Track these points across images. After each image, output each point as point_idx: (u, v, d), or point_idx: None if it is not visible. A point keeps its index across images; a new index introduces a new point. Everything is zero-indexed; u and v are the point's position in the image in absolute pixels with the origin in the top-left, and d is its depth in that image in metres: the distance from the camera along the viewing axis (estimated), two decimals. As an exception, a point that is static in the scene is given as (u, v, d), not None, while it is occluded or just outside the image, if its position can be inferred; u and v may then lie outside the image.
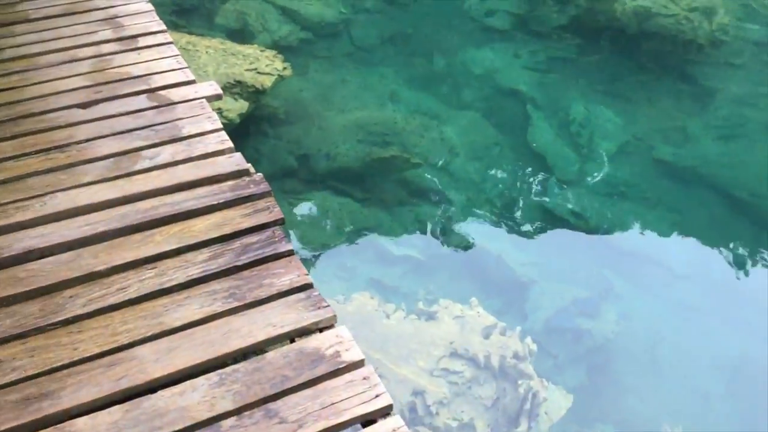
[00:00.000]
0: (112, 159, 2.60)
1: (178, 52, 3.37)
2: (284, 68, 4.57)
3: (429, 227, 4.91)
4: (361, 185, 4.93)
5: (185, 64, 3.26)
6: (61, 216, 2.30)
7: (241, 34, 5.76)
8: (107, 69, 3.19)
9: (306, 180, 4.85)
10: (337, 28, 6.43)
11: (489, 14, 6.97)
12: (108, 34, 3.51)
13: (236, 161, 2.63)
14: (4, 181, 2.45)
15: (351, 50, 6.34)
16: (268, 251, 2.22)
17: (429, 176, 5.14)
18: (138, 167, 2.56)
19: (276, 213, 2.38)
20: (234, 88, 4.29)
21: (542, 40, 6.70)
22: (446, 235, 4.88)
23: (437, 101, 5.90)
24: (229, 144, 2.72)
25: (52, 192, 2.40)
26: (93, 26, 3.58)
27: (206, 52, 4.54)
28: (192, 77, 3.17)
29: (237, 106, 4.04)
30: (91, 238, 2.23)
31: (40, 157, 2.57)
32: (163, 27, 3.61)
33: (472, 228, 4.96)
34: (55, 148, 2.63)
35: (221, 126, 2.83)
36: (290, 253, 2.24)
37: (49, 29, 3.54)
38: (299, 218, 4.70)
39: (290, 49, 5.87)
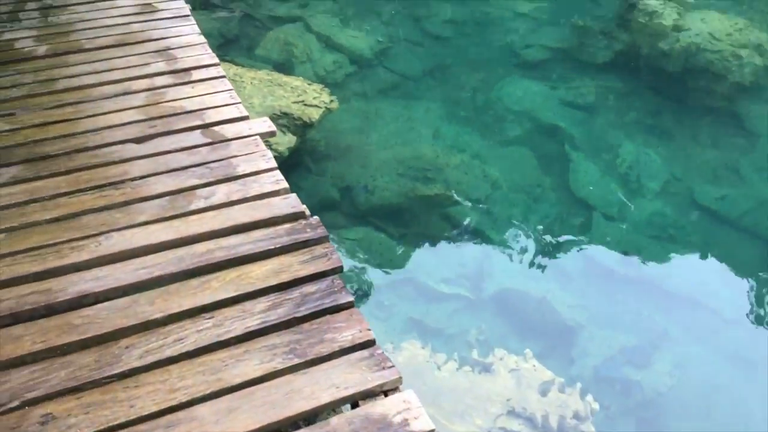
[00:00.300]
0: (167, 197, 2.54)
1: (231, 87, 3.34)
2: (331, 101, 4.53)
3: (470, 266, 4.78)
4: (402, 221, 4.84)
5: (238, 99, 3.22)
6: (116, 258, 2.23)
7: (283, 65, 5.77)
8: (161, 102, 3.16)
9: (347, 214, 4.77)
10: (377, 59, 6.42)
11: (530, 48, 6.91)
12: (161, 66, 3.50)
13: (292, 203, 2.55)
14: (59, 219, 2.40)
15: (391, 82, 6.31)
16: (328, 302, 2.12)
17: (471, 214, 5.02)
18: (193, 207, 2.49)
19: (335, 260, 2.29)
20: (280, 119, 4.25)
21: (584, 76, 6.60)
22: (488, 274, 4.74)
23: (478, 136, 5.81)
24: (284, 184, 2.65)
25: (107, 232, 2.34)
26: (146, 58, 3.58)
27: (251, 83, 4.53)
28: (245, 113, 3.12)
29: (285, 140, 4.00)
30: (147, 282, 2.15)
31: (94, 194, 2.53)
32: (216, 60, 3.59)
33: (514, 267, 4.82)
34: (110, 184, 2.59)
35: (276, 165, 2.77)
36: (351, 305, 2.13)
37: (102, 60, 3.55)
38: (339, 252, 4.62)
39: (332, 81, 5.86)
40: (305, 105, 4.37)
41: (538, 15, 7.59)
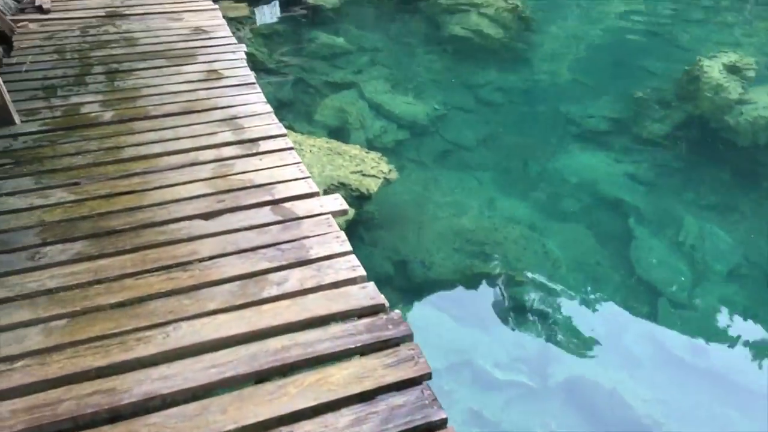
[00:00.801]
0: (237, 282, 2.35)
1: (299, 159, 3.21)
2: (389, 171, 4.40)
3: (531, 350, 4.46)
4: (459, 299, 4.58)
5: (308, 173, 3.08)
6: (184, 352, 2.03)
7: (339, 131, 5.71)
8: (229, 175, 3.04)
9: (401, 289, 4.54)
10: (431, 127, 6.33)
11: (586, 118, 6.76)
12: (228, 135, 3.41)
13: (370, 293, 2.34)
14: (124, 303, 2.23)
15: (445, 150, 6.19)
16: (419, 419, 1.87)
17: (531, 293, 4.74)
18: (265, 294, 2.30)
19: (422, 365, 2.05)
20: (338, 190, 4.12)
21: (645, 148, 6.39)
22: (551, 359, 4.41)
23: (536, 209, 5.59)
24: (361, 271, 2.45)
25: (176, 321, 2.15)
26: (213, 126, 3.50)
27: (311, 150, 4.43)
28: (315, 188, 2.97)
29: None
30: (218, 383, 1.94)
31: (161, 276, 2.36)
32: (283, 130, 3.49)
33: (579, 352, 4.48)
34: (178, 265, 2.42)
35: (350, 248, 2.58)
36: (444, 422, 1.88)
37: (168, 128, 3.48)
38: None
39: (385, 148, 5.77)
40: (363, 175, 4.23)
41: (592, 84, 7.49)
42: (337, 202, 2.88)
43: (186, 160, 3.16)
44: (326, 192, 4.20)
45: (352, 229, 4.50)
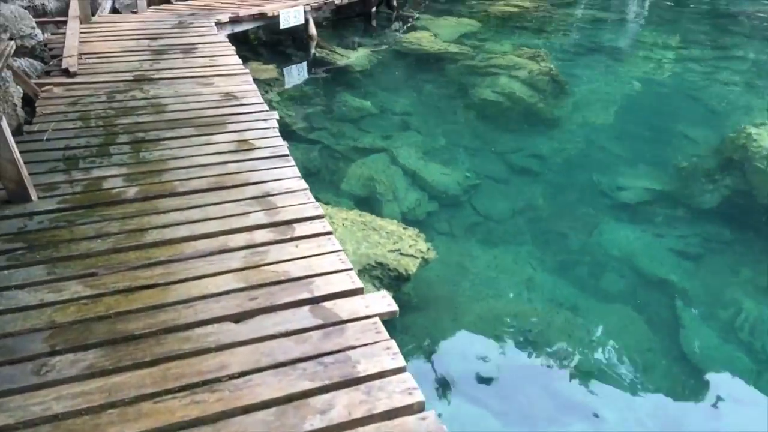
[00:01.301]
0: (273, 409, 1.99)
1: (339, 246, 2.89)
2: (428, 249, 4.07)
3: (584, 453, 4.00)
4: (502, 393, 4.15)
5: (349, 264, 2.76)
6: None
7: (368, 201, 5.43)
8: (261, 265, 2.72)
9: (436, 381, 4.13)
10: (462, 196, 6.04)
11: (626, 189, 6.43)
12: (260, 216, 3.11)
13: (430, 426, 1.96)
14: (141, 436, 1.88)
15: (478, 223, 5.86)
16: None
17: (580, 387, 4.30)
18: (307, 426, 1.93)
19: None
20: (374, 270, 3.79)
21: (691, 221, 6.02)
22: (605, 464, 3.94)
23: (578, 289, 5.19)
24: (419, 396, 2.08)
25: (201, 464, 1.79)
26: (244, 205, 3.22)
27: (343, 224, 4.13)
28: (359, 283, 2.64)
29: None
30: None
31: (185, 398, 2.01)
32: (320, 211, 3.19)
33: (636, 457, 4.01)
34: (204, 383, 2.07)
35: (404, 363, 2.22)
36: None
37: (196, 206, 3.20)
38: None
39: (417, 219, 5.46)
40: (401, 254, 3.90)
41: (630, 151, 7.21)
42: (384, 301, 2.54)
43: (215, 245, 2.85)
44: (363, 272, 3.86)
45: (386, 313, 4.14)
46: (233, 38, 7.79)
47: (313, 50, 9.13)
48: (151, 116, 4.34)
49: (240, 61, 5.83)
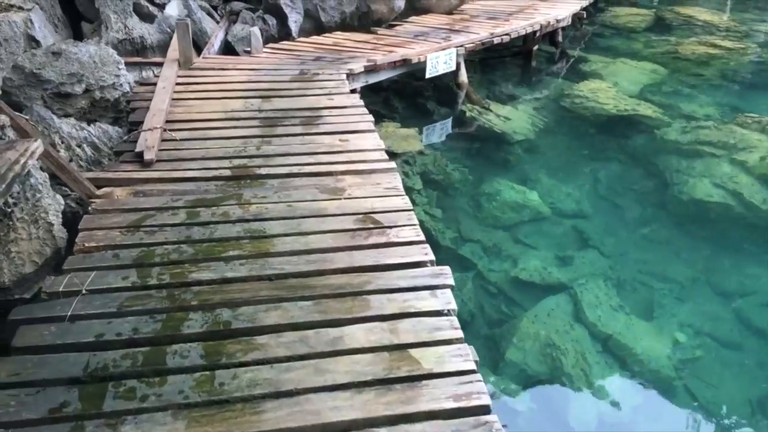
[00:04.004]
0: None
1: None
2: None
3: None
4: None
5: None
6: None
7: (550, 382, 3.56)
8: None
9: None
10: (675, 378, 3.96)
11: None
12: None
13: None
14: None
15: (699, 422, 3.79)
16: None
17: None
18: None
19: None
20: None
21: None
22: None
23: None
24: None
25: None
26: None
27: None
28: None
29: None
30: None
31: None
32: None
33: None
34: None
35: None
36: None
37: None
38: None
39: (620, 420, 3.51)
40: None
41: None
42: None
43: None
44: None
45: None
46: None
47: (460, 105, 7.30)
48: (249, 265, 2.73)
49: (382, 145, 4.14)
